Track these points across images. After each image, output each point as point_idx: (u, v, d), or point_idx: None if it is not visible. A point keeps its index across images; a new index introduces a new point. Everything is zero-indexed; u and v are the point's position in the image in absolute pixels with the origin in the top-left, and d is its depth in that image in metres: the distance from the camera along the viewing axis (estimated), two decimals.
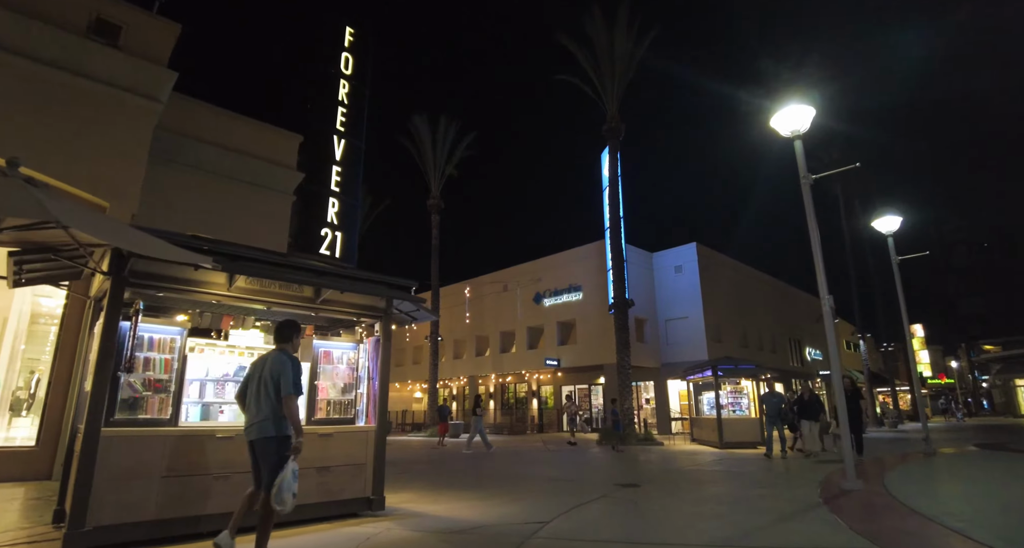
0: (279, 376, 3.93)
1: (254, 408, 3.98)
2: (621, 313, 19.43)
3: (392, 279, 6.00)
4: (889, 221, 13.72)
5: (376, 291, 5.82)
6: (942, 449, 13.17)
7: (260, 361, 4.15)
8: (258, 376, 4.04)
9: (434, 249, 28.55)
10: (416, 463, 12.56)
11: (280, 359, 4.02)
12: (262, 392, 3.96)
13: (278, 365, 3.98)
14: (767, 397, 13.25)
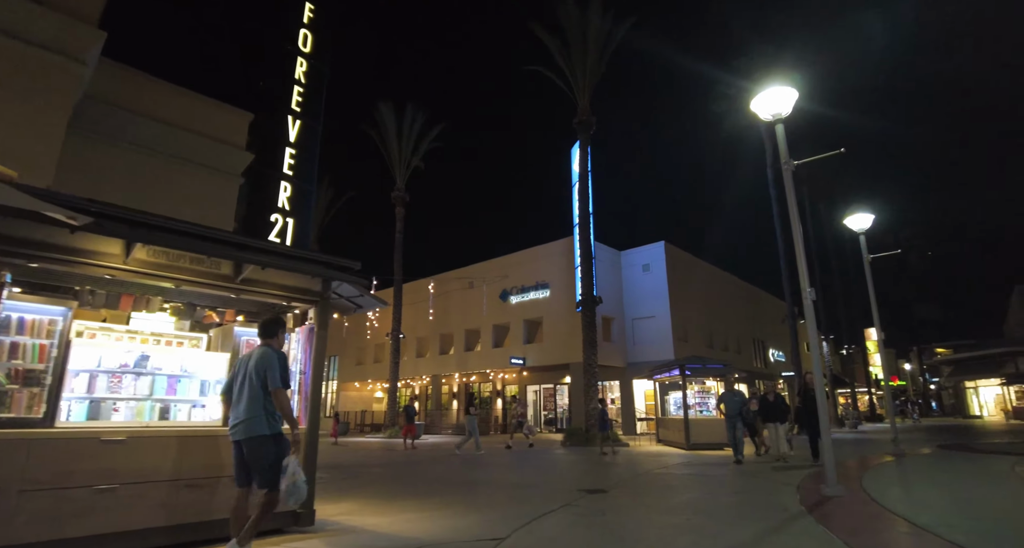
0: (265, 371, 3.83)
1: (240, 407, 3.85)
2: (589, 311, 18.89)
3: (329, 257, 5.20)
4: (861, 219, 13.50)
5: (305, 269, 4.98)
6: (908, 450, 12.99)
7: (245, 358, 4.04)
8: (243, 373, 3.93)
9: (398, 243, 27.57)
10: (370, 467, 11.69)
11: (266, 354, 3.93)
12: (248, 389, 3.85)
13: (264, 360, 3.89)
14: (727, 396, 12.00)
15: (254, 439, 3.76)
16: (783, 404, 11.56)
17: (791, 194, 7.91)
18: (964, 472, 9.17)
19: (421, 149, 29.17)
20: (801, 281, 7.50)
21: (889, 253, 13.60)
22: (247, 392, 3.85)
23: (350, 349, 36.49)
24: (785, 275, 24.67)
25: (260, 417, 3.79)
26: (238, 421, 3.82)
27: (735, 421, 11.41)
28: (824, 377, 31.36)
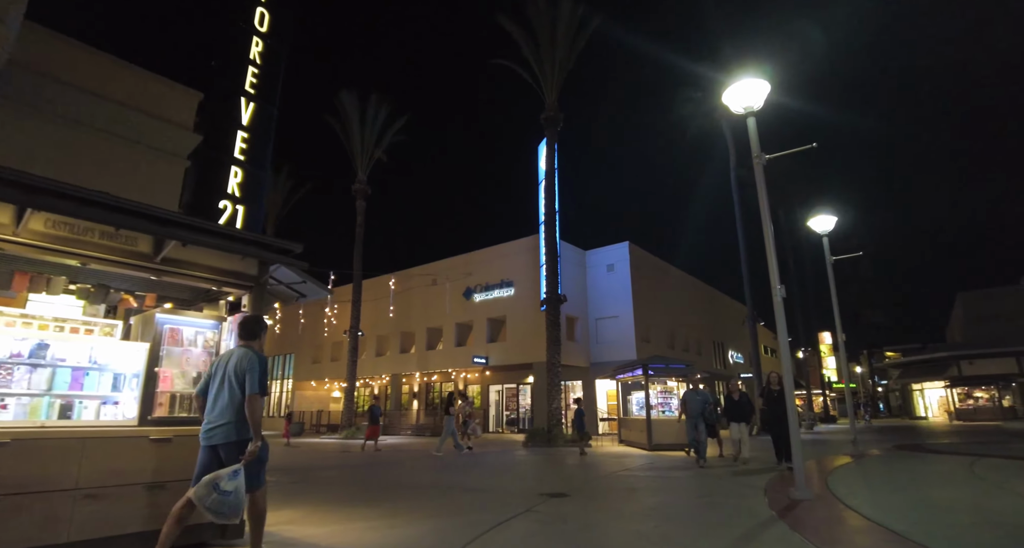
0: (245, 374, 3.67)
1: (218, 410, 3.68)
2: (553, 309, 18.58)
3: (265, 237, 4.65)
4: (824, 220, 13.56)
5: (236, 249, 4.41)
6: (866, 451, 13.09)
7: (223, 358, 3.86)
8: (222, 374, 3.76)
9: (358, 237, 26.72)
10: (322, 470, 11.03)
11: (247, 356, 3.76)
12: (228, 392, 3.68)
13: (245, 362, 3.72)
14: (689, 395, 11.40)
15: (236, 444, 3.60)
16: (748, 404, 11.22)
17: (762, 188, 7.70)
18: (926, 473, 9.17)
19: (384, 141, 28.38)
20: (771, 278, 7.29)
21: (851, 255, 13.73)
22: (226, 395, 3.67)
23: (306, 346, 35.30)
24: (746, 278, 24.95)
25: (242, 421, 3.62)
26: (215, 425, 3.64)
27: (697, 421, 10.76)
28: None
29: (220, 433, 3.61)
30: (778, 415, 9.38)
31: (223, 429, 3.61)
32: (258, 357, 3.79)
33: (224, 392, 3.69)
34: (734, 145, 26.69)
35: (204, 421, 3.73)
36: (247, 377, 3.64)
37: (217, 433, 3.62)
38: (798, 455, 6.60)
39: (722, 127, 27.10)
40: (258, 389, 3.64)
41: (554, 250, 19.58)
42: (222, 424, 3.62)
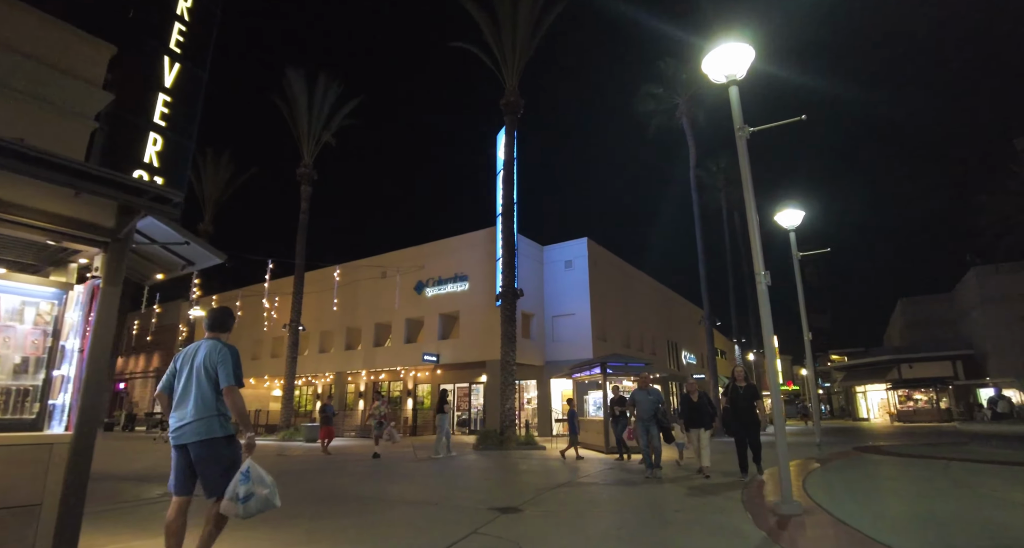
0: (217, 366, 3.46)
1: (188, 407, 3.42)
2: (509, 304, 17.60)
3: (125, 177, 3.43)
4: (791, 215, 13.10)
5: (77, 185, 3.15)
6: (827, 453, 12.67)
7: (190, 351, 3.61)
8: (188, 368, 3.52)
9: (302, 224, 25.06)
10: None
11: (216, 348, 3.55)
12: (196, 387, 3.43)
13: (215, 355, 3.50)
14: (640, 395, 9.36)
15: (206, 443, 3.34)
16: (709, 405, 9.49)
17: (746, 164, 6.91)
18: (906, 480, 8.64)
19: (333, 124, 26.78)
20: (755, 263, 6.52)
21: (819, 251, 13.33)
22: (195, 390, 3.44)
23: (245, 341, 33.08)
24: (703, 277, 24.70)
25: (212, 418, 3.39)
26: (184, 422, 3.39)
27: (649, 425, 9.08)
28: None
29: (188, 431, 3.36)
30: (743, 417, 8.34)
31: (191, 427, 3.36)
32: (230, 349, 3.57)
33: (192, 387, 3.44)
34: (694, 144, 26.45)
35: (171, 419, 3.45)
36: (219, 369, 3.45)
37: (185, 431, 3.37)
38: (785, 464, 5.82)
39: (683, 125, 26.84)
40: (234, 381, 3.45)
41: (511, 242, 18.62)
42: (190, 422, 3.37)
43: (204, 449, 3.34)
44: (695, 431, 9.24)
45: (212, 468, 3.33)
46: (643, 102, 27.33)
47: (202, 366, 3.47)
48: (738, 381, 8.82)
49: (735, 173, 35.54)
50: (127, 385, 43.99)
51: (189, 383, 3.46)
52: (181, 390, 3.48)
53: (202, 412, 3.38)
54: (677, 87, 26.83)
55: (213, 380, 3.44)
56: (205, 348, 3.55)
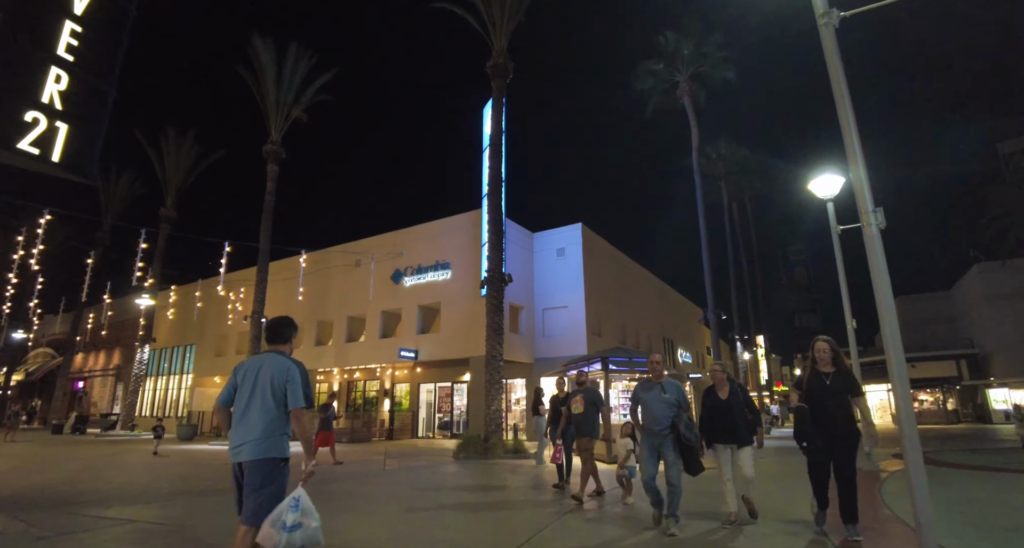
0: (286, 385, 3.30)
1: (250, 424, 3.24)
2: (496, 291, 15.48)
3: None
4: (828, 182, 11.13)
5: None
6: (880, 464, 10.71)
7: (252, 365, 3.42)
8: (251, 383, 3.33)
9: (267, 206, 22.72)
10: (159, 500, 7.37)
11: (283, 364, 3.37)
12: (262, 405, 3.27)
13: (283, 372, 3.33)
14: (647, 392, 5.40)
15: (264, 462, 3.18)
16: (748, 406, 5.76)
17: (833, 53, 4.82)
18: (1001, 503, 6.67)
19: (305, 98, 24.47)
20: (861, 198, 4.47)
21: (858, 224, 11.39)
22: (260, 408, 3.26)
23: (209, 336, 30.61)
24: (707, 267, 22.81)
25: (275, 438, 3.24)
26: (246, 440, 3.21)
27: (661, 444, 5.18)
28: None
29: (248, 449, 3.20)
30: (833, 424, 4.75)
31: (251, 445, 3.20)
32: (298, 366, 3.42)
33: (256, 404, 3.28)
34: (697, 124, 24.57)
35: (231, 436, 3.30)
36: (289, 389, 3.30)
37: (245, 449, 3.21)
38: (923, 504, 3.77)
39: (684, 105, 24.96)
40: (303, 403, 3.31)
41: (499, 223, 16.49)
42: (251, 440, 3.22)
43: (260, 468, 3.19)
44: (725, 448, 5.59)
45: (265, 489, 3.15)
46: (642, 79, 25.39)
47: (268, 383, 3.32)
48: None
49: (736, 161, 33.92)
50: (86, 384, 41.12)
51: (253, 399, 3.32)
52: (243, 406, 3.33)
53: (266, 431, 3.25)
54: (678, 63, 24.92)
55: (280, 399, 3.31)
56: (271, 363, 3.39)
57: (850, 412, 4.87)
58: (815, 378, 5.02)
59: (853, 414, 4.88)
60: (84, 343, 38.65)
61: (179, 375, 32.97)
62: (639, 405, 5.45)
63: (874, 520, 5.61)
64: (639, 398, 5.46)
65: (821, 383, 4.95)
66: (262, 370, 3.36)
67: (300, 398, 3.29)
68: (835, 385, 4.90)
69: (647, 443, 5.29)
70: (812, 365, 5.12)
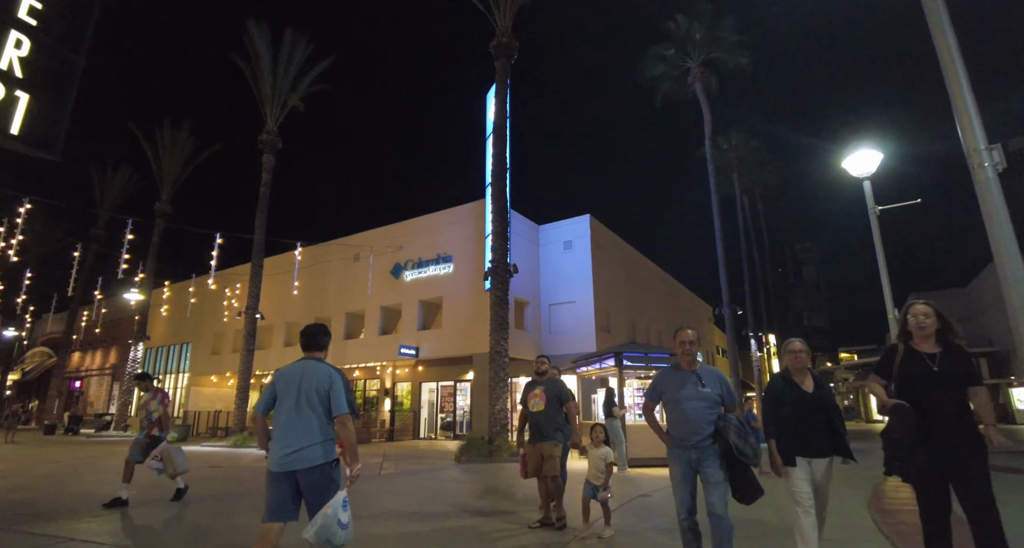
0: (330, 392, 3.34)
1: (297, 433, 3.25)
2: (501, 283, 14.53)
3: None
4: (865, 158, 10.13)
5: None
6: None
7: (293, 372, 3.42)
8: (295, 392, 3.33)
9: (262, 198, 21.83)
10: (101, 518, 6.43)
11: (326, 372, 3.41)
12: (310, 411, 3.30)
13: (326, 379, 3.37)
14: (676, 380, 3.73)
15: (320, 468, 3.23)
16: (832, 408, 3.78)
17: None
18: None
19: (302, 86, 23.57)
20: (970, 135, 3.48)
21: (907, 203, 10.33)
22: (308, 415, 3.29)
23: (205, 335, 29.77)
24: (721, 260, 21.77)
25: (325, 443, 3.30)
26: (293, 449, 3.21)
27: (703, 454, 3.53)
28: None
29: (301, 457, 3.20)
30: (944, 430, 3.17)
31: (301, 454, 3.21)
32: (339, 373, 3.47)
33: (303, 412, 3.29)
34: (710, 112, 23.55)
35: (277, 445, 3.25)
36: (333, 396, 3.34)
37: (294, 458, 3.20)
38: None
39: (696, 92, 23.93)
40: (347, 409, 3.37)
41: (504, 211, 15.55)
42: (300, 449, 3.22)
43: (317, 475, 3.23)
44: (815, 464, 3.68)
45: (323, 494, 3.20)
46: (652, 66, 24.36)
47: (313, 390, 3.33)
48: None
49: (748, 152, 32.85)
50: (83, 383, 40.36)
51: (300, 407, 3.31)
52: (289, 414, 3.31)
53: (316, 437, 3.28)
54: (689, 48, 23.89)
55: (325, 405, 3.34)
56: (313, 371, 3.39)
57: (968, 409, 3.29)
58: (913, 361, 3.34)
59: (971, 412, 3.30)
60: (80, 342, 37.92)
61: (175, 374, 32.14)
62: (663, 402, 3.77)
63: None
64: (663, 394, 3.75)
65: (924, 368, 3.29)
66: (304, 378, 3.38)
67: (344, 404, 3.34)
68: (946, 370, 3.24)
69: (680, 459, 3.58)
70: (905, 342, 3.43)
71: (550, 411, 5.58)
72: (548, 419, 5.56)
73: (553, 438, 5.49)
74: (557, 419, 5.59)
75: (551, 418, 5.57)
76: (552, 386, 5.74)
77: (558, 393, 5.69)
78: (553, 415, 5.58)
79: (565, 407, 5.65)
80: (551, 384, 5.78)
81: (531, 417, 5.68)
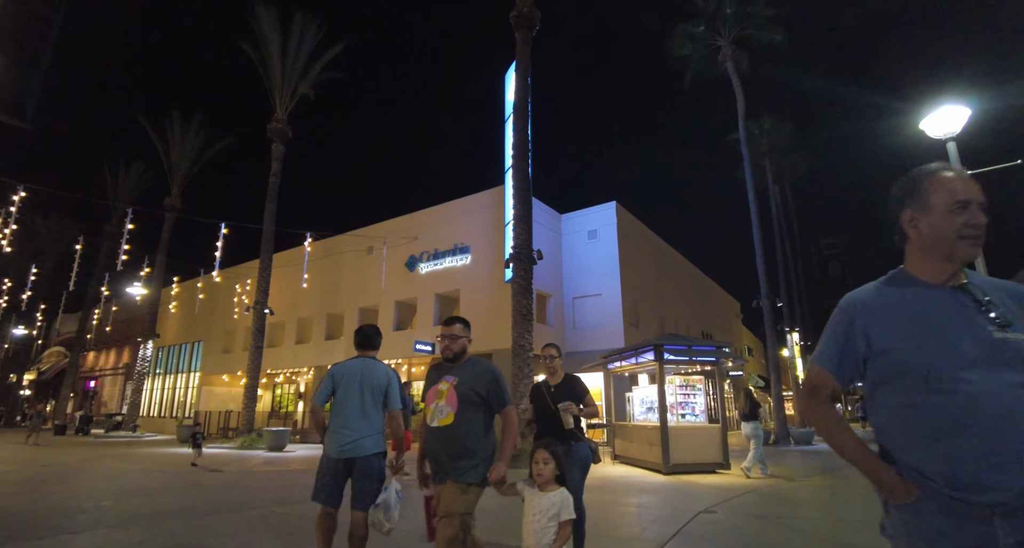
0: (387, 389, 3.67)
1: (357, 423, 3.53)
2: (524, 271, 13.32)
3: None
4: (950, 116, 8.71)
5: None
6: None
7: (353, 368, 3.68)
8: (357, 386, 3.61)
9: (272, 189, 20.88)
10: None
11: (382, 369, 3.75)
12: (369, 404, 3.59)
13: (383, 376, 3.69)
14: None
15: (370, 458, 3.51)
16: None
17: None
18: None
19: (312, 73, 22.60)
20: None
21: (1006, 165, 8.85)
22: (363, 408, 3.57)
23: (217, 333, 28.99)
24: (758, 248, 20.29)
25: (377, 435, 3.60)
26: (353, 438, 3.50)
27: None
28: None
29: (359, 446, 3.49)
30: None
31: (358, 443, 3.50)
32: (395, 373, 3.80)
33: (361, 404, 3.57)
34: (743, 91, 22.07)
35: (339, 433, 3.51)
36: (390, 392, 3.66)
37: (355, 446, 3.49)
38: None
39: (728, 71, 22.46)
40: (400, 405, 3.72)
41: (527, 193, 14.34)
42: (358, 438, 3.50)
43: (369, 463, 3.50)
44: None
45: (371, 481, 3.48)
46: (679, 44, 22.92)
47: (371, 386, 3.61)
48: None
49: (781, 137, 31.22)
50: (97, 383, 39.97)
51: (362, 400, 3.57)
52: (348, 406, 3.57)
53: (373, 429, 3.56)
54: (719, 25, 22.44)
55: (382, 401, 3.63)
56: (372, 369, 3.68)
57: None
58: None
59: None
60: (94, 341, 37.50)
61: (187, 373, 31.43)
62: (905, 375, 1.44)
63: None
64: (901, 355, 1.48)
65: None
66: (363, 374, 3.64)
67: (398, 401, 3.71)
68: None
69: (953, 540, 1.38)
70: None
71: (465, 422, 2.95)
72: (452, 439, 2.94)
73: (462, 476, 2.89)
74: (474, 439, 2.95)
75: (460, 438, 2.93)
76: (474, 373, 3.05)
77: (488, 389, 3.01)
78: (472, 429, 2.96)
79: (501, 414, 3.06)
80: (472, 372, 3.06)
81: (429, 435, 3.05)
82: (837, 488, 8.41)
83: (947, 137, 8.86)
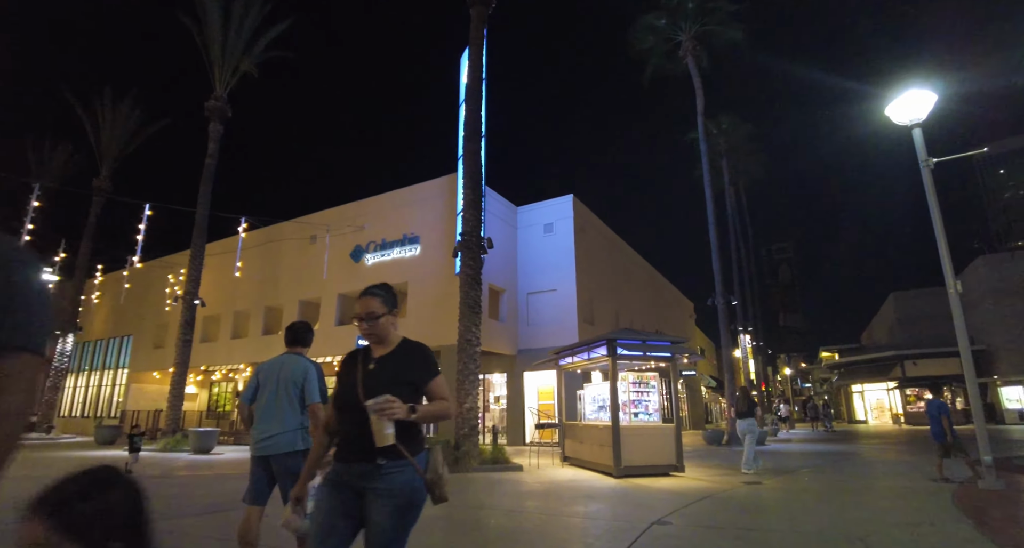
0: (304, 384, 3.48)
1: (272, 420, 3.44)
2: (472, 260, 12.46)
3: None
4: (914, 101, 8.37)
5: None
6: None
7: (273, 365, 3.59)
8: (274, 383, 3.50)
9: (207, 170, 19.42)
10: None
11: (302, 365, 3.53)
12: (284, 401, 3.46)
13: (301, 372, 3.50)
14: None
15: (289, 455, 3.38)
16: None
17: None
18: None
19: (256, 50, 21.21)
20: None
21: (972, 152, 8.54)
22: (278, 405, 3.45)
23: (147, 326, 26.99)
24: (714, 245, 20.08)
25: (296, 432, 3.43)
26: (268, 435, 3.41)
27: None
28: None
29: (271, 444, 3.40)
30: None
31: (274, 440, 3.40)
32: (314, 365, 3.60)
33: (279, 402, 3.45)
34: (702, 87, 21.86)
35: (255, 431, 3.47)
36: (306, 386, 3.47)
37: (268, 444, 3.40)
38: None
39: (688, 66, 22.24)
40: (319, 398, 3.48)
41: (478, 179, 13.49)
42: (274, 435, 3.40)
43: (282, 461, 3.38)
44: None
45: (290, 480, 3.27)
46: (642, 37, 22.57)
47: (289, 381, 3.46)
48: None
49: (739, 138, 31.41)
50: None
51: (277, 397, 3.46)
52: (266, 403, 3.47)
53: (285, 426, 3.41)
54: (681, 19, 22.18)
55: (300, 396, 3.46)
56: (290, 364, 3.52)
57: None
58: None
59: None
60: None
61: (114, 370, 29.19)
62: None
63: None
64: None
65: None
66: (282, 370, 3.49)
67: (316, 394, 3.46)
68: None
69: None
70: None
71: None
72: None
73: None
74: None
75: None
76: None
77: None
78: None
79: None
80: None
81: None
82: (793, 491, 7.92)
83: (912, 124, 8.53)
